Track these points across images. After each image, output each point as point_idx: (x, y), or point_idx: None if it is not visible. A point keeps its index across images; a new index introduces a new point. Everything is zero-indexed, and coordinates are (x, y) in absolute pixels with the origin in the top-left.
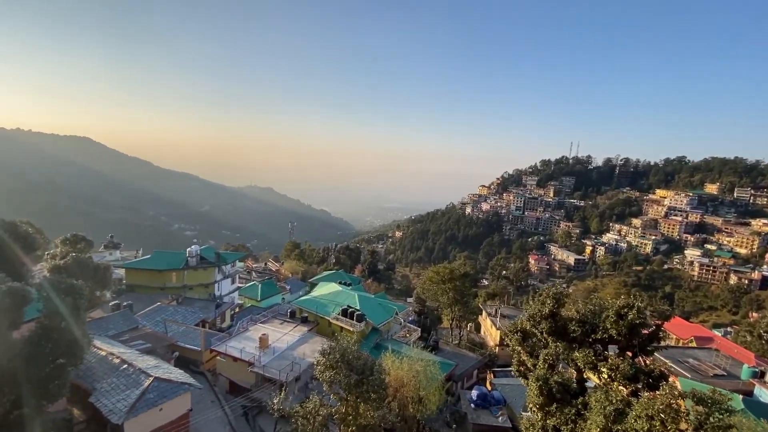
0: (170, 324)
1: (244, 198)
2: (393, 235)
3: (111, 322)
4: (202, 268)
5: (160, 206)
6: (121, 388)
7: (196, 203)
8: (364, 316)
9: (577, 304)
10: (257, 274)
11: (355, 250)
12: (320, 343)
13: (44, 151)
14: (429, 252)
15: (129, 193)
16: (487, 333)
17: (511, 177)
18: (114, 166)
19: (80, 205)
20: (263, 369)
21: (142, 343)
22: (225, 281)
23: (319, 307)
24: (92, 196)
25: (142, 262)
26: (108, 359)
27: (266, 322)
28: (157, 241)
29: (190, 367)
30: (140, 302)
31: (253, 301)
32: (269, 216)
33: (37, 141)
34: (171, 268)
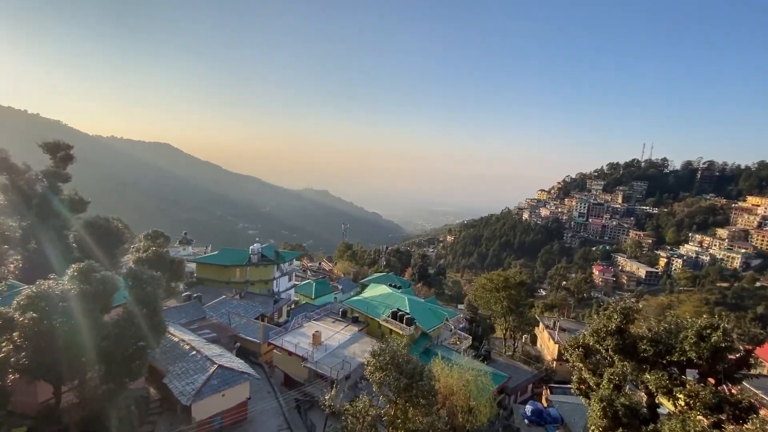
0: (233, 316)
1: (302, 200)
2: (444, 239)
3: (183, 312)
4: (263, 265)
5: (227, 206)
6: (189, 373)
7: (258, 204)
8: (414, 320)
9: (648, 321)
10: (312, 273)
11: (405, 253)
12: (370, 344)
13: (132, 156)
14: (482, 258)
15: (201, 195)
16: (544, 346)
17: (573, 181)
18: (189, 169)
19: (160, 204)
20: (315, 365)
21: (209, 333)
22: (283, 278)
23: (369, 308)
24: (170, 197)
25: (210, 257)
26: (180, 345)
27: (319, 319)
28: (224, 238)
29: (249, 358)
30: (208, 294)
31: (308, 298)
32: (324, 217)
33: (127, 147)
34: (235, 264)
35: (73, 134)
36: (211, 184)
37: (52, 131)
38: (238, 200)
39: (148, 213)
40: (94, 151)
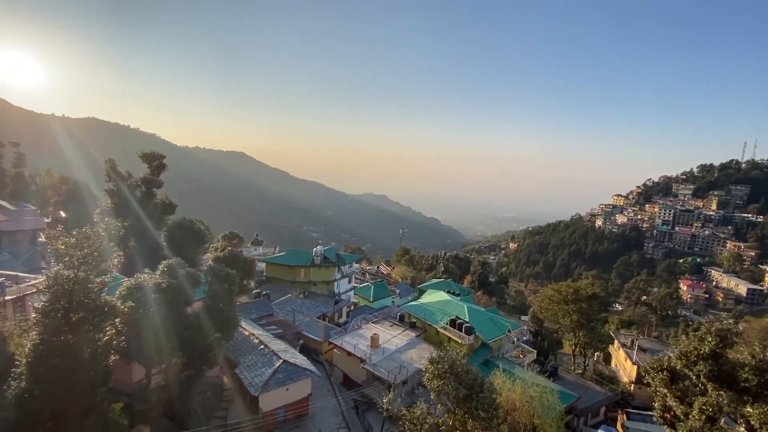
0: (298, 314)
1: (361, 204)
2: (506, 246)
3: (253, 308)
4: (325, 266)
5: (293, 210)
6: (258, 366)
7: (321, 208)
8: (473, 329)
9: (752, 346)
10: (370, 276)
11: (464, 259)
12: (428, 351)
13: (212, 164)
14: (548, 267)
15: (270, 199)
16: (620, 366)
17: (656, 185)
18: (260, 175)
19: (234, 207)
20: (373, 367)
21: (275, 329)
22: (343, 280)
23: (427, 314)
24: (243, 201)
25: (277, 258)
26: (250, 339)
27: (377, 322)
28: (290, 240)
29: (311, 356)
30: (275, 292)
31: (366, 301)
32: (382, 222)
33: (208, 156)
34: (300, 265)
35: (166, 145)
36: (279, 189)
37: (149, 143)
38: (303, 204)
39: (225, 216)
40: (181, 160)
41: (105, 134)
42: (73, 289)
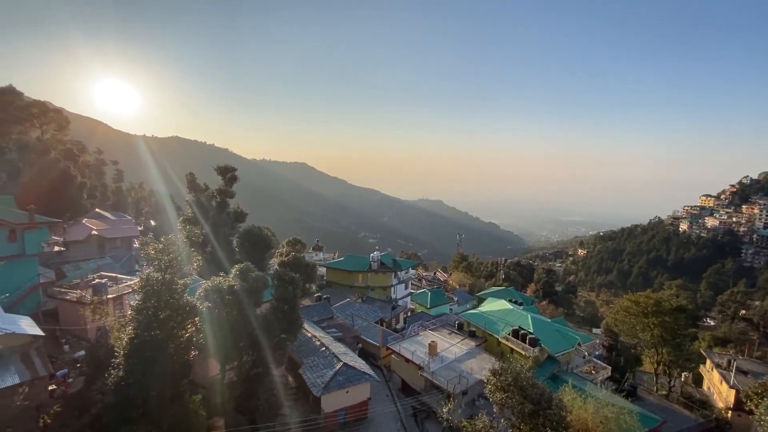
0: (356, 318)
1: (416, 210)
2: (574, 252)
3: (314, 310)
4: (382, 272)
5: (351, 217)
6: (319, 367)
7: (377, 214)
8: (539, 340)
9: None
10: (427, 283)
11: (527, 266)
12: (488, 361)
13: (277, 174)
14: (623, 275)
15: (329, 206)
16: (714, 389)
17: (755, 183)
18: (320, 184)
19: (297, 215)
20: (432, 375)
21: (335, 332)
22: (399, 286)
23: (487, 323)
24: (305, 208)
25: (337, 262)
26: (312, 341)
27: (435, 329)
28: (348, 245)
29: (370, 360)
30: (335, 296)
31: (423, 307)
32: (438, 227)
33: (273, 167)
34: (358, 270)
35: (236, 159)
36: (337, 196)
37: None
38: (360, 211)
39: (289, 222)
40: (250, 172)
41: (186, 151)
42: (161, 289)
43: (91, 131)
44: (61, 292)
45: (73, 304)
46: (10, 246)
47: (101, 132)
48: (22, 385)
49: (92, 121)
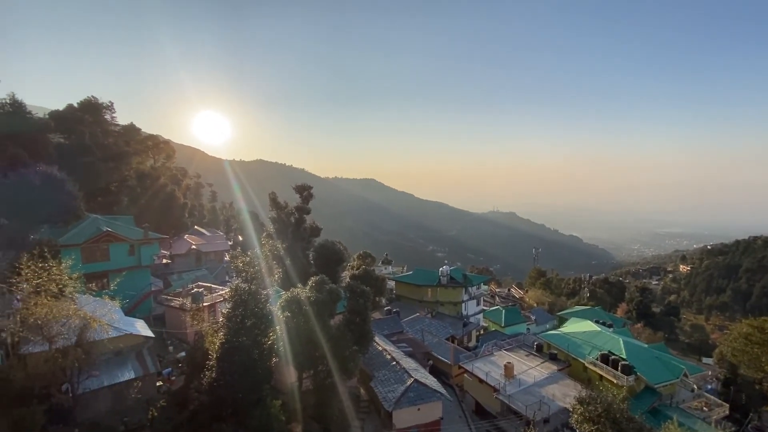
0: (426, 334)
1: (487, 223)
2: (675, 269)
3: (385, 324)
4: (452, 287)
5: (418, 230)
6: (390, 381)
7: (445, 228)
8: (633, 368)
9: None
10: (500, 299)
11: (616, 284)
12: (573, 388)
13: (347, 190)
14: (741, 296)
15: (397, 220)
16: None
17: None
18: (388, 199)
19: (366, 229)
20: (509, 399)
21: (406, 347)
22: (471, 302)
23: (571, 346)
24: (374, 223)
25: (406, 276)
26: (383, 354)
27: (511, 350)
28: (417, 259)
29: (441, 378)
30: (404, 310)
31: (497, 325)
32: (511, 241)
33: (344, 184)
34: (427, 284)
35: (312, 178)
36: (405, 210)
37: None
38: (428, 224)
39: (358, 236)
40: (323, 189)
41: (268, 172)
42: (247, 299)
43: (190, 158)
44: (167, 299)
45: (177, 310)
46: (130, 258)
47: (198, 158)
48: (137, 380)
49: (191, 149)
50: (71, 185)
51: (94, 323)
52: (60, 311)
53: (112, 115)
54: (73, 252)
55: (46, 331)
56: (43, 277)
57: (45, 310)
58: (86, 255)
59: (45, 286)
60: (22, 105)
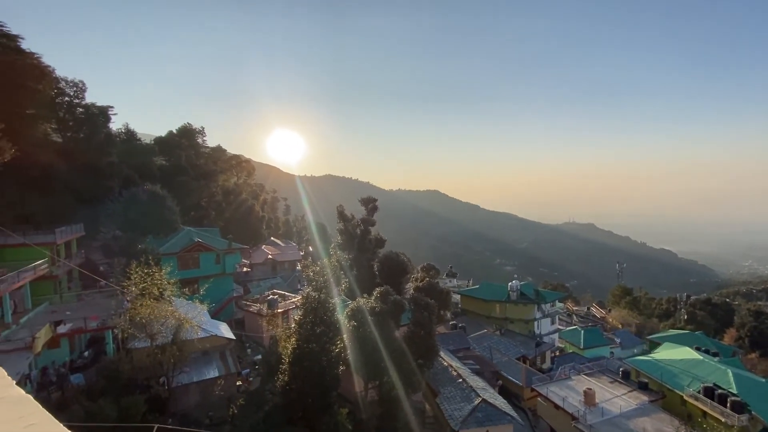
0: (495, 352)
1: (562, 235)
2: None
3: (450, 339)
4: (522, 303)
5: (485, 243)
6: (456, 399)
7: (514, 240)
8: (747, 406)
9: None
10: (578, 319)
11: (722, 305)
12: (669, 423)
13: (411, 202)
14: None
15: (462, 232)
16: None
17: None
18: (453, 210)
19: (431, 241)
20: (590, 429)
21: (473, 364)
22: (544, 320)
23: (665, 374)
24: (438, 234)
25: (472, 290)
26: (448, 370)
27: (591, 375)
28: (483, 273)
29: (512, 400)
30: (470, 326)
31: (575, 347)
32: (590, 254)
33: (408, 196)
34: (495, 299)
35: (377, 191)
36: (470, 222)
37: (365, 190)
38: (495, 236)
39: (422, 248)
40: (387, 201)
41: (336, 186)
42: (317, 307)
43: (267, 174)
44: (246, 304)
45: (254, 315)
46: (216, 266)
47: (274, 174)
48: (220, 378)
49: (268, 166)
50: (170, 201)
51: (186, 324)
52: (160, 312)
53: (203, 139)
54: (171, 260)
55: (149, 329)
56: (147, 281)
57: (148, 311)
58: (181, 263)
59: (149, 289)
60: (134, 133)
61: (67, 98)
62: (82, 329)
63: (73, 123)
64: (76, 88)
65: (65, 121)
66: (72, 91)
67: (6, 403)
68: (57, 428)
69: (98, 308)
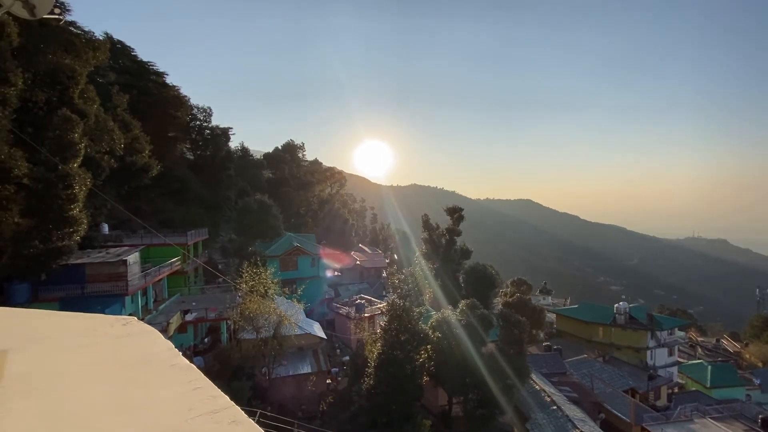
0: (596, 381)
1: (683, 251)
2: None
3: (543, 361)
4: (632, 328)
5: (585, 257)
6: (549, 428)
7: (622, 256)
8: None
9: None
10: (705, 352)
11: None
12: None
13: (500, 212)
14: None
15: (559, 245)
16: None
17: None
18: (547, 221)
19: (522, 253)
20: None
21: (569, 391)
22: (659, 350)
23: None
24: (531, 247)
25: (570, 310)
26: (540, 395)
27: (721, 420)
28: (583, 291)
29: None
30: (567, 349)
31: (699, 385)
32: (721, 276)
33: (496, 205)
34: (597, 322)
35: (462, 200)
36: (568, 234)
37: (451, 199)
38: (598, 251)
39: (512, 261)
40: (474, 211)
41: (421, 195)
42: (401, 314)
43: (356, 184)
44: (336, 306)
45: (343, 318)
46: (312, 269)
47: (362, 184)
48: (312, 375)
49: (357, 177)
50: (275, 209)
51: (286, 321)
52: (265, 308)
53: (302, 153)
54: (274, 262)
55: (255, 322)
56: (255, 280)
57: (255, 306)
58: (283, 264)
59: (256, 287)
60: (247, 150)
61: (198, 122)
62: (204, 318)
63: (201, 143)
64: (204, 113)
65: (196, 141)
66: (202, 115)
67: (178, 369)
68: (216, 392)
69: (216, 301)
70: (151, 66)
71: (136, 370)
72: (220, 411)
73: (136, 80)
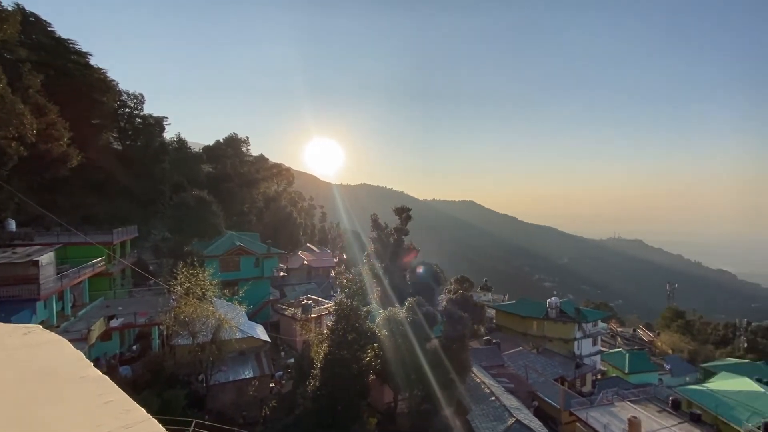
0: (531, 371)
1: (606, 251)
2: None
3: (483, 354)
4: (561, 321)
5: (523, 257)
6: (489, 418)
7: (554, 255)
8: None
9: None
10: (623, 341)
11: None
12: None
13: (445, 213)
14: None
15: (499, 245)
16: None
17: None
18: (488, 222)
19: (465, 252)
20: None
21: (507, 382)
22: (585, 340)
23: (721, 406)
24: (473, 246)
25: (508, 306)
26: (480, 387)
27: (637, 402)
28: (521, 288)
29: (548, 424)
30: (505, 342)
31: (619, 371)
32: (637, 273)
33: (442, 206)
34: (532, 316)
35: (410, 200)
36: (508, 235)
37: (399, 199)
38: (534, 250)
39: (456, 260)
40: (421, 211)
41: (371, 194)
42: (349, 314)
43: (305, 182)
44: (281, 308)
45: (289, 319)
46: (255, 270)
47: (312, 183)
48: (254, 379)
49: (307, 175)
50: (216, 207)
51: (226, 324)
52: (202, 311)
53: (247, 148)
54: (214, 262)
55: (191, 327)
56: (192, 282)
57: (191, 310)
58: (223, 265)
59: (193, 289)
60: (185, 142)
61: (128, 109)
62: (132, 324)
63: (132, 132)
64: (136, 100)
65: (125, 130)
66: (132, 102)
67: (87, 382)
68: (131, 405)
69: (147, 305)
70: (71, 44)
71: (38, 383)
72: (133, 425)
73: (52, 59)
